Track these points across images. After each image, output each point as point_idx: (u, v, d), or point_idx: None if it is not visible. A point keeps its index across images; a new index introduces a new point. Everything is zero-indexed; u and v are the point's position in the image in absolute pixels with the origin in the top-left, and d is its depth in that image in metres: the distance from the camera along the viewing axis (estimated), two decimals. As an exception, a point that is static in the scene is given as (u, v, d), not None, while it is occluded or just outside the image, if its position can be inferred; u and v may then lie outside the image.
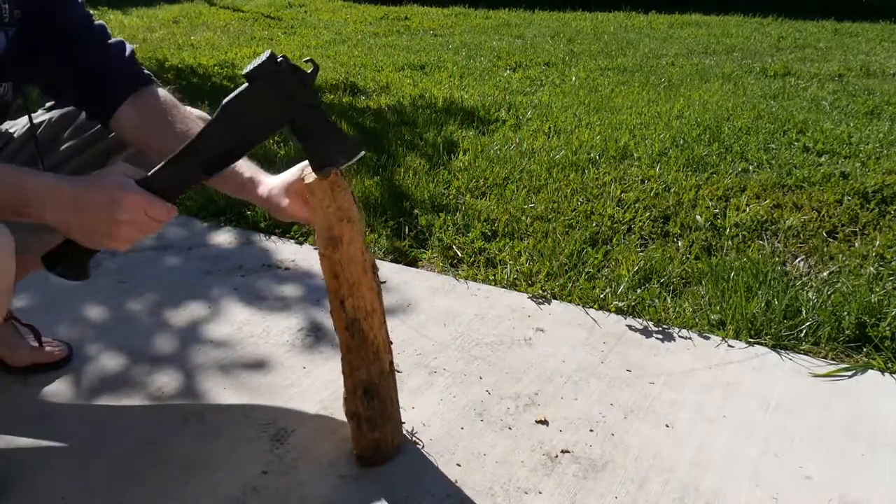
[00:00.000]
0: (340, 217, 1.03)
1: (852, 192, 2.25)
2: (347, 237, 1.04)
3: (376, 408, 1.13)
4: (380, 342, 1.12)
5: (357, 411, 1.13)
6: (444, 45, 5.53)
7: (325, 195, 1.02)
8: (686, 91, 3.86)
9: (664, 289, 1.75)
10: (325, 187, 1.01)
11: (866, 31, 6.21)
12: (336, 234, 1.04)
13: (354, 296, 1.07)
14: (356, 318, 1.08)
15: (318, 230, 1.04)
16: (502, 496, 1.11)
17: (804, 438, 1.24)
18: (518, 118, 3.26)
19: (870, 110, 3.35)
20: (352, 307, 1.08)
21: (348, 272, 1.06)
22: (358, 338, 1.09)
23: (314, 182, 1.01)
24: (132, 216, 0.95)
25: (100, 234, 0.95)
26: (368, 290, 1.08)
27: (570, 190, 2.33)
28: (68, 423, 1.26)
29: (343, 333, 1.10)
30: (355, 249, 1.06)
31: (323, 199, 1.02)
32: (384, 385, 1.14)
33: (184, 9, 8.17)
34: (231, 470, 1.15)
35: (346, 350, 1.10)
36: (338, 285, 1.07)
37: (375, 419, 1.13)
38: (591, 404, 1.33)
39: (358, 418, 1.13)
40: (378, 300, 1.11)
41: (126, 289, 1.74)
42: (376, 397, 1.13)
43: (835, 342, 1.52)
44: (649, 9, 7.83)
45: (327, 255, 1.05)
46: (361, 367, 1.11)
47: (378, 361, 1.12)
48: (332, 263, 1.06)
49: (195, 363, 1.45)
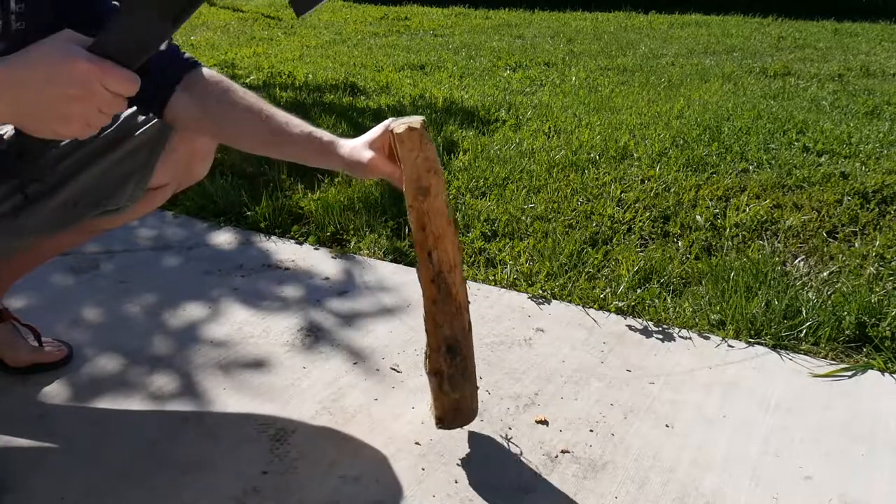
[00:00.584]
0: (428, 168, 1.05)
1: (852, 192, 2.25)
2: (435, 188, 1.06)
3: (458, 365, 1.14)
4: (461, 299, 1.13)
5: (440, 368, 1.14)
6: (444, 45, 5.53)
7: (415, 145, 1.04)
8: (686, 91, 3.86)
9: (664, 289, 1.75)
10: (415, 137, 1.04)
11: (866, 31, 6.21)
12: (425, 185, 1.06)
13: (439, 249, 1.09)
14: (441, 270, 1.10)
15: (407, 181, 1.06)
16: (502, 496, 1.10)
17: (804, 438, 1.24)
18: (518, 118, 3.26)
19: (870, 110, 3.35)
20: (437, 260, 1.09)
21: (435, 224, 1.08)
22: (443, 291, 1.10)
23: (404, 132, 1.03)
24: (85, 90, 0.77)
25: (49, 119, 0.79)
26: (452, 244, 1.10)
27: (570, 190, 2.33)
28: (68, 423, 1.26)
29: (429, 287, 1.11)
30: (441, 202, 1.07)
31: (412, 149, 1.04)
32: (466, 344, 1.15)
33: (184, 9, 8.16)
34: (231, 470, 1.15)
35: (431, 303, 1.11)
36: (424, 237, 1.08)
37: (457, 378, 1.14)
38: (591, 404, 1.33)
39: (440, 376, 1.14)
40: (460, 255, 1.13)
41: (126, 289, 1.74)
42: (459, 354, 1.14)
43: (835, 342, 1.52)
44: (649, 9, 7.83)
45: (415, 205, 1.07)
46: (445, 322, 1.12)
47: (460, 317, 1.13)
48: (420, 214, 1.07)
49: (195, 363, 1.45)
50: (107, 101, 0.79)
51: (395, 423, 1.27)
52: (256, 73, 4.48)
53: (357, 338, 1.54)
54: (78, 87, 0.76)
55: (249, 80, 4.26)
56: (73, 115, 0.78)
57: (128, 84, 0.79)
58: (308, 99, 3.67)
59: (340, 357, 1.47)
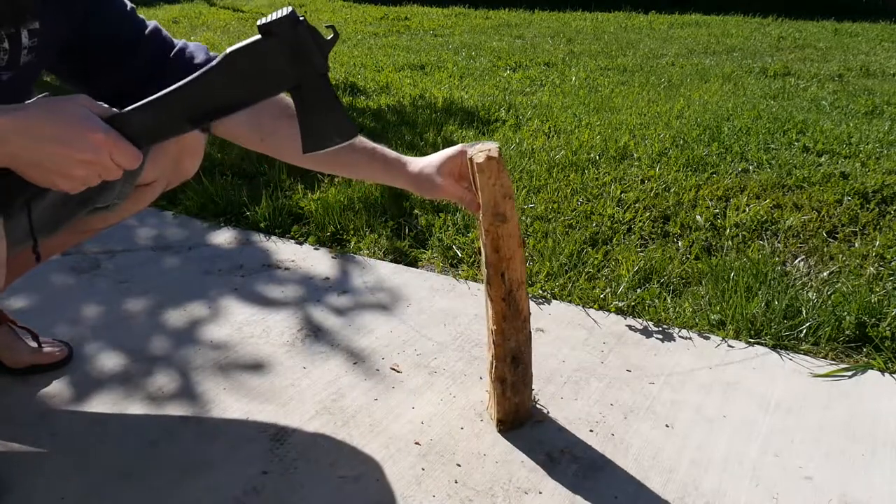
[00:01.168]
0: (504, 194, 1.10)
1: (852, 192, 2.25)
2: (510, 213, 1.11)
3: (520, 373, 1.21)
4: (526, 312, 1.19)
5: (504, 377, 1.20)
6: (444, 45, 5.53)
7: (493, 174, 1.09)
8: (686, 91, 3.86)
9: (664, 289, 1.75)
10: (494, 166, 1.08)
11: (866, 31, 6.21)
12: (502, 211, 1.11)
13: (510, 269, 1.14)
14: (511, 289, 1.15)
15: (485, 206, 1.11)
16: (502, 496, 1.10)
17: (804, 438, 1.24)
18: (518, 118, 3.26)
19: (870, 110, 3.35)
20: (509, 279, 1.15)
21: (508, 246, 1.13)
22: (512, 307, 1.17)
23: (484, 161, 1.08)
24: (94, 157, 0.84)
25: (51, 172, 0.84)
26: (521, 262, 1.16)
27: (570, 190, 2.33)
28: (68, 423, 1.26)
29: (500, 304, 1.16)
30: (514, 225, 1.13)
31: (490, 177, 1.09)
32: (527, 352, 1.22)
33: (184, 9, 8.17)
34: (231, 470, 1.15)
35: (502, 319, 1.17)
36: (499, 259, 1.14)
37: (518, 384, 1.22)
38: (591, 404, 1.33)
39: (504, 383, 1.21)
40: (525, 271, 1.18)
41: (126, 289, 1.74)
42: (521, 363, 1.21)
43: (835, 342, 1.52)
44: (649, 9, 7.83)
45: (492, 230, 1.12)
46: (512, 335, 1.18)
47: (525, 329, 1.20)
48: (495, 238, 1.13)
49: (195, 363, 1.45)
50: (108, 170, 0.86)
51: (395, 423, 1.27)
52: (256, 73, 4.47)
53: (357, 338, 1.54)
54: (89, 153, 0.83)
55: (249, 80, 4.25)
56: (76, 175, 0.85)
57: (133, 161, 0.87)
58: (308, 99, 3.67)
59: (340, 357, 1.47)
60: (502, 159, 1.10)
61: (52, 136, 0.82)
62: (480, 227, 1.16)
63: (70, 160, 0.84)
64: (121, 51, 1.09)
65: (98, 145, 0.84)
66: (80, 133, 0.83)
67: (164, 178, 1.32)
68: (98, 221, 1.32)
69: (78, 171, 0.85)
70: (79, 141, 0.83)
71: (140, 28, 1.11)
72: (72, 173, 0.85)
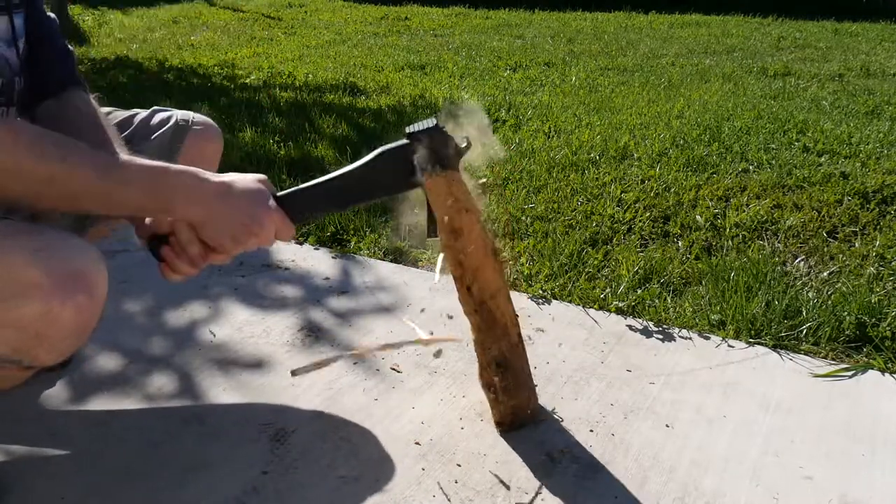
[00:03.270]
0: (458, 209, 1.08)
1: (852, 192, 2.25)
2: (467, 227, 1.10)
3: (510, 378, 1.19)
4: (507, 318, 1.17)
5: (492, 382, 1.20)
6: (444, 45, 5.53)
7: (442, 191, 1.07)
8: (686, 91, 3.86)
9: (664, 289, 1.74)
10: (441, 184, 1.07)
11: (866, 31, 6.21)
12: (456, 226, 1.09)
13: (479, 280, 1.12)
14: (483, 300, 1.13)
15: (440, 223, 1.10)
16: (502, 496, 1.10)
17: (804, 438, 1.24)
18: (518, 118, 3.26)
19: (870, 110, 3.35)
20: (477, 290, 1.13)
21: (471, 259, 1.12)
22: (486, 318, 1.15)
23: (431, 181, 1.07)
24: (266, 233, 0.99)
25: (225, 233, 0.97)
26: (492, 271, 1.13)
27: (570, 190, 2.33)
28: (68, 423, 1.26)
29: (472, 316, 1.15)
30: (476, 236, 1.10)
31: (439, 194, 1.08)
32: (515, 356, 1.19)
33: (184, 9, 8.17)
34: (231, 470, 1.15)
35: (477, 331, 1.16)
36: (462, 272, 1.13)
37: (510, 388, 1.20)
38: (591, 404, 1.33)
39: (494, 388, 1.20)
40: (502, 279, 1.16)
41: (126, 289, 1.74)
42: (509, 368, 1.19)
43: (835, 342, 1.52)
44: (649, 9, 7.83)
45: (450, 244, 1.11)
46: (493, 345, 1.17)
47: (507, 336, 1.17)
48: (454, 253, 1.11)
49: (195, 363, 1.45)
50: (267, 241, 1.00)
51: (395, 423, 1.27)
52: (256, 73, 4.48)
53: (357, 338, 1.54)
54: (262, 230, 0.98)
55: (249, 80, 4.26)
56: (242, 241, 0.99)
57: (289, 237, 1.03)
58: (308, 99, 3.67)
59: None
60: (455, 173, 1.06)
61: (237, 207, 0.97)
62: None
63: (249, 234, 0.98)
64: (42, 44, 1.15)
65: (271, 224, 0.99)
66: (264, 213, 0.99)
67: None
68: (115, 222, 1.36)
69: (250, 241, 0.99)
70: (262, 221, 0.98)
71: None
72: (245, 243, 0.99)
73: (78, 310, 0.88)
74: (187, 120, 1.30)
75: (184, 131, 1.29)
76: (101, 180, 0.91)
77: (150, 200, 0.94)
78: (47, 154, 0.88)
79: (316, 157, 2.66)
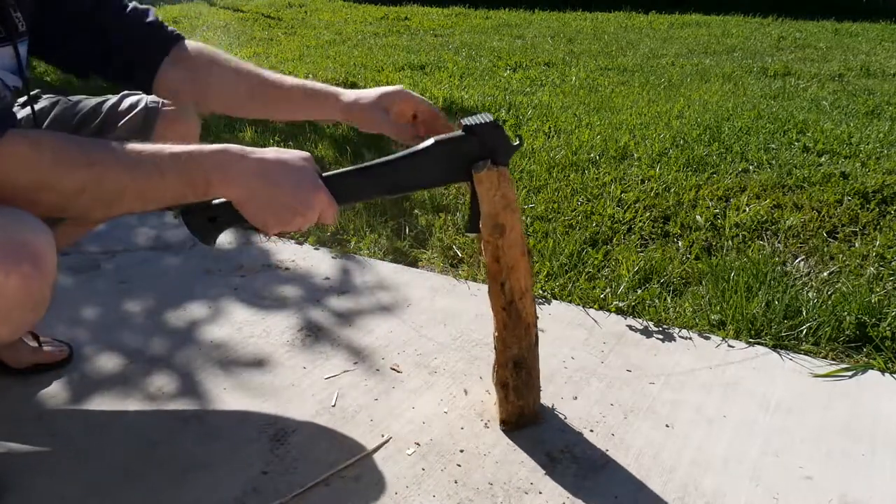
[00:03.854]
0: (505, 205, 1.09)
1: (852, 192, 2.25)
2: (510, 224, 1.10)
3: (523, 378, 1.21)
4: (531, 318, 1.19)
5: (506, 381, 1.21)
6: (444, 45, 5.53)
7: (493, 185, 1.07)
8: (686, 91, 3.86)
9: (664, 289, 1.74)
10: (493, 178, 1.07)
11: (866, 31, 6.21)
12: (501, 222, 1.10)
13: (512, 278, 1.14)
14: (512, 298, 1.15)
15: (484, 217, 1.10)
16: (502, 496, 1.10)
17: (804, 438, 1.24)
18: (518, 118, 3.26)
19: (870, 110, 3.35)
20: (509, 289, 1.14)
21: (509, 256, 1.12)
22: (514, 316, 1.16)
23: (482, 175, 1.06)
24: (312, 215, 0.95)
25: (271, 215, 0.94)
26: (525, 271, 1.15)
27: (570, 190, 2.33)
28: (68, 423, 1.26)
29: (500, 313, 1.17)
30: (516, 235, 1.11)
31: (489, 188, 1.08)
32: (532, 357, 1.22)
33: (184, 9, 8.17)
34: (231, 470, 1.15)
35: (502, 327, 1.17)
36: (499, 269, 1.13)
37: (521, 388, 1.22)
38: (591, 404, 1.33)
39: (506, 387, 1.22)
40: (531, 279, 1.17)
41: (126, 289, 1.74)
42: (524, 368, 1.21)
43: (835, 342, 1.52)
44: (649, 9, 7.83)
45: (492, 241, 1.11)
46: (514, 343, 1.18)
47: (528, 336, 1.19)
48: (495, 249, 1.12)
49: (195, 363, 1.45)
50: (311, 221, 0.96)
51: (395, 423, 1.27)
52: (256, 73, 4.47)
53: (357, 338, 1.54)
54: (309, 210, 0.94)
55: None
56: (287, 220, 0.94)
57: (334, 219, 0.98)
58: (308, 99, 3.67)
59: (340, 357, 1.47)
60: (506, 170, 1.08)
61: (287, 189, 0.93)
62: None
63: (294, 213, 0.94)
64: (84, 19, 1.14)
65: (318, 204, 0.95)
66: (310, 193, 0.94)
67: None
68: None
69: (294, 221, 0.94)
70: (307, 199, 0.94)
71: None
72: (289, 222, 0.94)
73: (24, 279, 0.85)
74: (157, 102, 1.27)
75: (154, 113, 1.26)
76: (133, 178, 0.89)
77: (187, 187, 0.91)
78: (73, 162, 0.87)
79: (316, 157, 2.66)
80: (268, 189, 0.93)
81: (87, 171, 0.88)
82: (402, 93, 1.18)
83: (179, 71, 1.18)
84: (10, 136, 0.86)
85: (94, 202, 0.90)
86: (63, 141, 0.90)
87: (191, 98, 1.22)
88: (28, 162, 0.86)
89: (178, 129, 1.29)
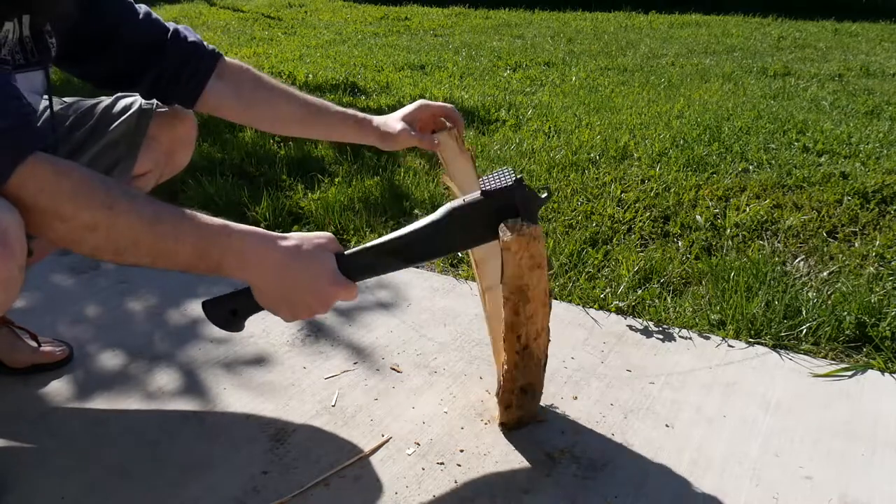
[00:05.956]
0: (531, 266, 1.04)
1: (852, 192, 2.25)
2: (535, 283, 1.06)
3: (528, 399, 1.21)
4: (543, 353, 1.17)
5: (510, 403, 1.21)
6: (444, 45, 5.53)
7: (521, 248, 1.01)
8: (686, 91, 3.86)
9: (664, 289, 1.75)
10: (523, 243, 1.01)
11: (866, 31, 6.21)
12: (524, 283, 1.05)
13: (529, 325, 1.10)
14: (528, 344, 1.13)
15: (507, 278, 1.05)
16: (502, 496, 1.10)
17: (804, 438, 1.24)
18: (518, 118, 3.26)
19: (870, 110, 3.35)
20: (525, 336, 1.11)
21: (529, 309, 1.09)
22: (525, 358, 1.14)
23: (511, 239, 1.00)
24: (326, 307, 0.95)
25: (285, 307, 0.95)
26: (543, 316, 1.12)
27: (570, 190, 2.33)
28: (68, 423, 1.26)
29: (513, 356, 1.14)
30: (540, 290, 1.07)
31: (517, 252, 1.02)
32: (539, 383, 1.22)
33: (184, 9, 8.17)
34: (231, 470, 1.15)
35: (513, 367, 1.15)
36: (518, 321, 1.09)
37: (525, 405, 1.22)
38: (592, 404, 1.33)
39: (509, 407, 1.22)
40: (548, 319, 1.14)
41: (126, 289, 1.74)
42: (531, 392, 1.21)
43: (835, 342, 1.52)
44: (649, 9, 7.83)
45: (512, 299, 1.07)
46: (522, 377, 1.17)
47: (537, 368, 1.18)
48: (515, 306, 1.07)
49: (195, 363, 1.45)
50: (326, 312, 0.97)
51: (395, 423, 1.27)
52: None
53: (357, 337, 1.54)
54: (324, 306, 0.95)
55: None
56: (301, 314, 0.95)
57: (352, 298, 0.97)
58: (308, 99, 3.67)
59: (341, 357, 1.47)
60: (537, 229, 1.01)
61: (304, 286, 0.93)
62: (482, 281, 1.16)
63: (309, 309, 0.95)
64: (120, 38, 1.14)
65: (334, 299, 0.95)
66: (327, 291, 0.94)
67: (158, 170, 1.34)
68: None
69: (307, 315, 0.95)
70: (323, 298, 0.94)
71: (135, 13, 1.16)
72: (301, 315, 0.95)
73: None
74: (152, 104, 1.27)
75: (148, 115, 1.26)
76: (148, 233, 0.88)
77: (200, 260, 0.91)
78: (92, 198, 0.86)
79: (316, 157, 2.66)
80: (284, 285, 0.93)
81: (104, 212, 0.87)
82: (421, 107, 1.24)
83: (223, 87, 1.20)
84: (37, 158, 0.85)
85: (105, 244, 0.88)
86: (89, 176, 0.89)
87: (233, 113, 1.24)
88: (48, 187, 0.85)
89: (173, 130, 1.30)
